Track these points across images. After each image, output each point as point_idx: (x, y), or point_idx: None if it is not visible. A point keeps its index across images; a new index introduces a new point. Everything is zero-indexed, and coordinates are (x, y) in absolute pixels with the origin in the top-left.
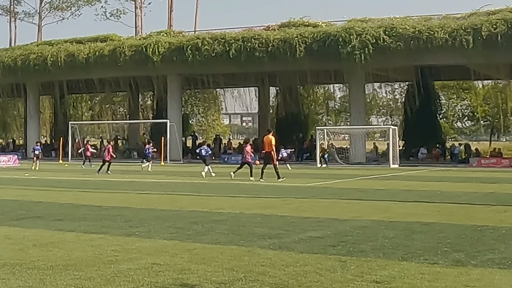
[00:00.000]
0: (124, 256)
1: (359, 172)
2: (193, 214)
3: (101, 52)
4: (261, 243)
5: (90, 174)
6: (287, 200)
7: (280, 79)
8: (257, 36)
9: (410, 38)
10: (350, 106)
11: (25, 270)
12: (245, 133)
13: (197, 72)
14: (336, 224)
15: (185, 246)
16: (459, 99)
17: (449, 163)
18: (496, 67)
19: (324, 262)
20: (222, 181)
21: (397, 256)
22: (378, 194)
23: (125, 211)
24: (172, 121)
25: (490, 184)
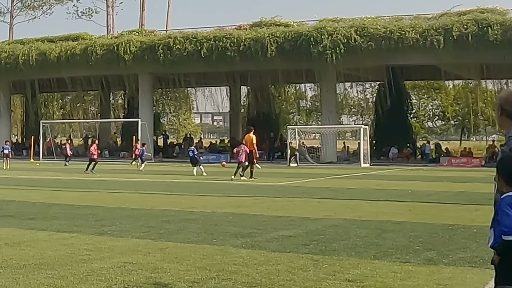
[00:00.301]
0: (96, 255)
1: (330, 171)
2: (165, 213)
3: (72, 51)
4: (234, 242)
5: (62, 172)
6: (259, 199)
7: (252, 78)
8: (229, 36)
9: (381, 38)
10: (321, 106)
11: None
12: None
13: (169, 71)
14: (308, 223)
15: (157, 245)
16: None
17: (420, 162)
18: (467, 67)
19: (296, 261)
20: (194, 180)
21: (369, 255)
22: (349, 193)
23: (97, 210)
24: (144, 120)
25: (461, 184)
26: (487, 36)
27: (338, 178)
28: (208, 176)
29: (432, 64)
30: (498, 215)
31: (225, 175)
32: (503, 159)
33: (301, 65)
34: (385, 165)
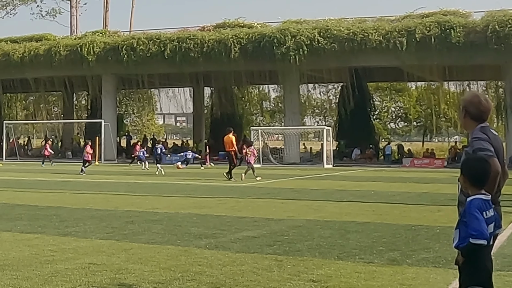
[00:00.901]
0: (61, 256)
1: (294, 172)
2: (128, 214)
3: (36, 52)
4: (198, 242)
5: (25, 173)
6: (222, 199)
7: (215, 79)
8: (192, 37)
9: (344, 39)
10: (284, 107)
11: None
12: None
13: (132, 72)
14: (271, 223)
15: (121, 246)
16: (392, 101)
17: (383, 163)
18: (429, 69)
19: (260, 262)
20: (156, 181)
21: (333, 255)
22: (312, 194)
23: (60, 210)
24: (107, 121)
25: (423, 184)
26: (449, 38)
27: (301, 179)
28: (171, 176)
29: (395, 66)
30: (467, 218)
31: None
32: (468, 161)
33: (264, 66)
34: (348, 166)
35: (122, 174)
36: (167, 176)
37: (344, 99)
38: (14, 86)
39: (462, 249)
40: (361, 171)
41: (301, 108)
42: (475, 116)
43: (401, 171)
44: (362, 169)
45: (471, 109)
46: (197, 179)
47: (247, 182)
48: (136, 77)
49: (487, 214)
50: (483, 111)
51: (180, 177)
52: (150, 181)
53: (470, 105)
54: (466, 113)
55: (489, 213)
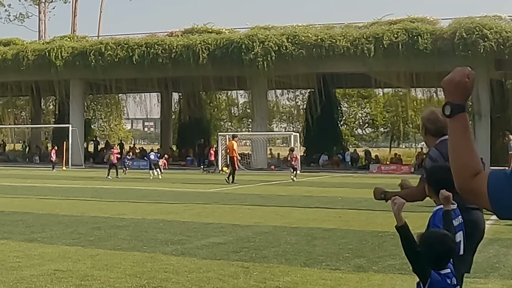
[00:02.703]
0: (26, 262)
1: (261, 178)
2: (94, 220)
3: (4, 56)
4: (164, 249)
5: None
6: (189, 205)
7: (183, 84)
8: (161, 42)
9: (312, 46)
10: (252, 113)
11: None
12: (147, 138)
13: (100, 77)
14: (238, 230)
15: (87, 252)
16: (359, 107)
17: (350, 169)
18: (397, 76)
19: (226, 268)
20: (123, 186)
21: (299, 262)
22: (279, 200)
23: (26, 216)
24: (74, 126)
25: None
26: (417, 45)
27: (269, 184)
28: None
29: (363, 72)
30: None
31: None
32: (432, 170)
33: (232, 72)
34: (315, 172)
35: (89, 179)
36: (133, 181)
37: (311, 105)
38: None
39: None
40: (328, 177)
41: (269, 114)
42: (434, 132)
43: (368, 177)
44: (329, 175)
45: (430, 126)
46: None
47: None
48: (104, 82)
49: (454, 223)
50: (441, 127)
51: (147, 183)
52: (117, 187)
53: (428, 122)
54: (426, 130)
55: (455, 221)
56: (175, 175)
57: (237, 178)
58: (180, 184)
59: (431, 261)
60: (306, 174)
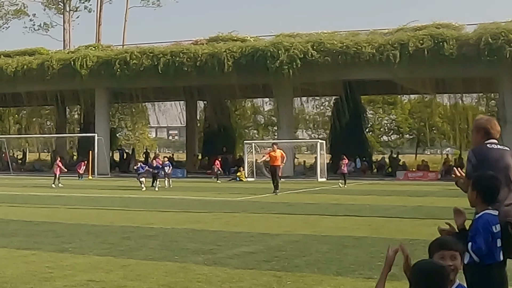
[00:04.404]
0: (58, 273)
1: (288, 186)
2: (124, 229)
3: (29, 66)
4: (195, 258)
5: (18, 187)
6: (217, 214)
7: (208, 93)
8: (186, 51)
9: (337, 53)
10: (278, 120)
11: None
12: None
13: (125, 86)
14: (268, 238)
15: (119, 262)
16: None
17: (376, 176)
18: (422, 82)
19: (259, 278)
20: (150, 195)
21: (331, 271)
22: (307, 208)
23: (56, 226)
24: (100, 135)
25: (418, 198)
26: (442, 51)
27: (296, 192)
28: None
29: (388, 79)
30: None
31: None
32: (480, 178)
33: (258, 80)
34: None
35: (115, 188)
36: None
37: (337, 112)
38: (6, 100)
39: (471, 265)
40: (355, 184)
41: (294, 121)
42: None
43: (395, 184)
44: (356, 182)
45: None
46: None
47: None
48: (129, 91)
49: (496, 229)
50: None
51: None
52: (144, 196)
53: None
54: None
55: (497, 228)
56: (201, 183)
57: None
58: (207, 192)
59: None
60: (333, 182)
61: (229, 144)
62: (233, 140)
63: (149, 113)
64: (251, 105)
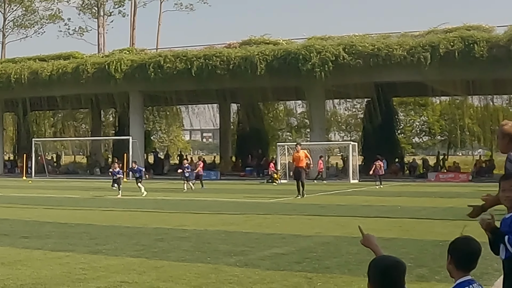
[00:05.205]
0: (92, 274)
1: (320, 188)
2: (157, 231)
3: (64, 70)
4: (227, 260)
5: (53, 190)
6: (249, 216)
7: (241, 95)
8: (219, 54)
9: (369, 55)
10: (310, 122)
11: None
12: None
13: (159, 89)
14: (299, 240)
15: (152, 264)
16: (416, 115)
17: (408, 177)
18: (453, 84)
19: (290, 279)
20: (183, 197)
21: (362, 272)
22: (339, 210)
23: (89, 228)
24: (134, 137)
25: (448, 199)
26: (473, 53)
27: (327, 194)
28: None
29: (419, 81)
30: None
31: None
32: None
33: (290, 83)
34: (373, 181)
35: (149, 190)
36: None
37: (369, 114)
38: (42, 104)
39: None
40: (387, 186)
41: (326, 123)
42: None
43: (426, 186)
44: (388, 184)
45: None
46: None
47: (274, 198)
48: (163, 94)
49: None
50: None
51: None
52: (177, 198)
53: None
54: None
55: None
56: (234, 185)
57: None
58: (240, 194)
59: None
60: (364, 183)
61: (262, 146)
62: (266, 142)
63: (183, 115)
64: (283, 107)
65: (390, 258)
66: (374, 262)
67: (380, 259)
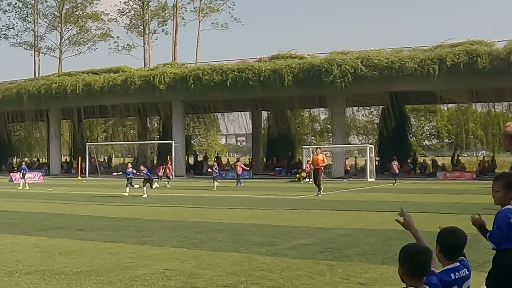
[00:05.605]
0: (139, 262)
1: (341, 186)
2: (197, 224)
3: (114, 82)
4: (258, 250)
5: (104, 188)
6: (279, 211)
7: (271, 104)
8: (251, 67)
9: (384, 67)
10: (332, 127)
11: (53, 276)
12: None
13: (198, 99)
14: (322, 232)
15: (192, 253)
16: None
17: (419, 176)
18: (459, 92)
19: (314, 267)
20: (220, 194)
21: (377, 261)
22: (357, 205)
23: (137, 222)
24: (177, 142)
25: (455, 195)
26: (476, 65)
27: (348, 191)
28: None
29: (429, 90)
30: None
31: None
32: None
33: (314, 92)
34: (388, 180)
35: (190, 188)
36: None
37: (384, 120)
38: (95, 112)
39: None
40: (400, 183)
41: (346, 128)
42: None
43: (435, 183)
44: (401, 182)
45: None
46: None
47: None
48: (202, 103)
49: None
50: None
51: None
52: (214, 195)
53: None
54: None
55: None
56: (266, 183)
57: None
58: (270, 191)
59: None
60: (380, 182)
61: (289, 149)
62: (293, 145)
63: (219, 122)
64: (308, 114)
65: (420, 245)
66: (406, 248)
67: (411, 246)
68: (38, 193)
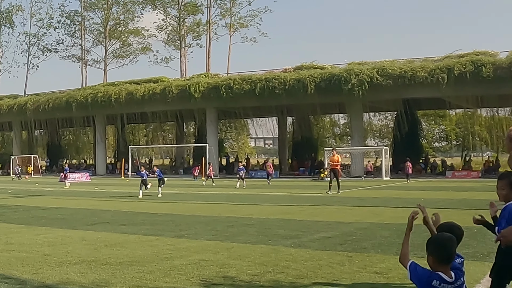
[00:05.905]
0: (176, 253)
1: (359, 184)
2: (228, 219)
3: (153, 91)
4: (284, 242)
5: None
6: (303, 207)
7: (295, 110)
8: (277, 77)
9: (397, 76)
10: (351, 131)
11: (99, 266)
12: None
13: (230, 106)
14: (342, 226)
15: (224, 245)
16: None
17: (429, 175)
18: (465, 99)
19: (334, 257)
20: (249, 192)
21: (392, 252)
22: (374, 202)
23: (175, 217)
24: (210, 145)
25: (462, 192)
26: (481, 74)
27: (365, 189)
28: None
29: (438, 97)
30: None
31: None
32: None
33: (334, 99)
34: (402, 178)
35: (222, 187)
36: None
37: (398, 124)
38: (136, 118)
39: None
40: (413, 182)
41: (364, 132)
42: None
43: (444, 182)
44: (413, 180)
45: None
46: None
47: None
48: (233, 110)
49: None
50: None
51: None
52: (244, 193)
53: None
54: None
55: None
56: (291, 182)
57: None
58: (295, 189)
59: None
60: (395, 180)
61: (312, 151)
62: (315, 147)
63: (249, 127)
64: (329, 119)
65: (445, 234)
66: (433, 239)
67: (438, 236)
68: (85, 191)
